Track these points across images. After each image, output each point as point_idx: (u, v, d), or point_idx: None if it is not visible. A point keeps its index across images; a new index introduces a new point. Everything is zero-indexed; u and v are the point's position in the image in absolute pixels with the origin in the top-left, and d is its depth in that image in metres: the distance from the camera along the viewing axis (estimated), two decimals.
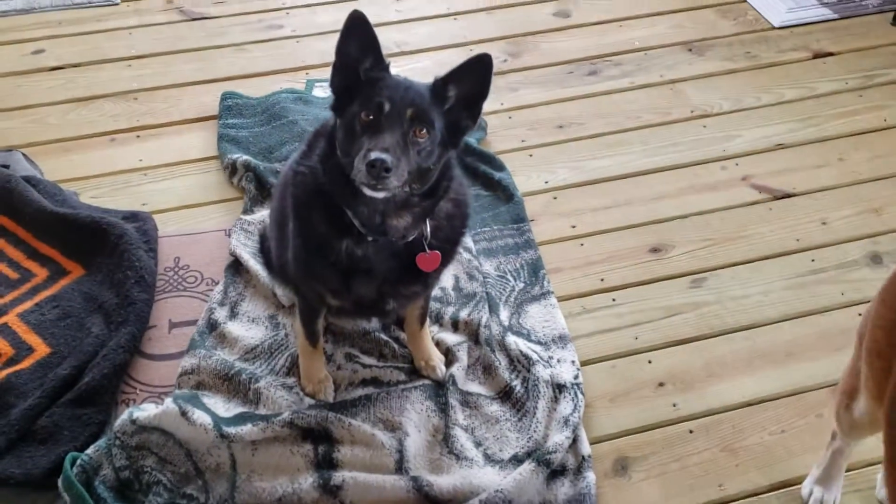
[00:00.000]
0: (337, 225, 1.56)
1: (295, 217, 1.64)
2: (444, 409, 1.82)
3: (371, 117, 1.43)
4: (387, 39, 2.91)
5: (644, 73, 2.75)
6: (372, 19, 2.86)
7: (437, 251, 1.61)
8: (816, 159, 2.45)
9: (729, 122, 2.57)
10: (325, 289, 1.69)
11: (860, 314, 2.01)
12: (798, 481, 1.72)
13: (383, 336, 1.94)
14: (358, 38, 1.50)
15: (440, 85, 1.52)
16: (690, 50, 2.83)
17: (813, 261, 2.17)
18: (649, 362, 1.95)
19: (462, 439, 1.77)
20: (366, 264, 1.59)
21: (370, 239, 1.55)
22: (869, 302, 2.02)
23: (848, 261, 2.16)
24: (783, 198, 2.32)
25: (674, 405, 1.86)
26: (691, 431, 1.82)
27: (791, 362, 1.94)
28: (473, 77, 1.54)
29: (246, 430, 1.69)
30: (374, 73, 1.51)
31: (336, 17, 2.99)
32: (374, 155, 1.37)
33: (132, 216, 2.22)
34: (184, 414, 1.69)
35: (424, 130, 1.45)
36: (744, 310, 2.05)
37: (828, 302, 2.07)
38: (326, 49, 2.86)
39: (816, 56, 2.81)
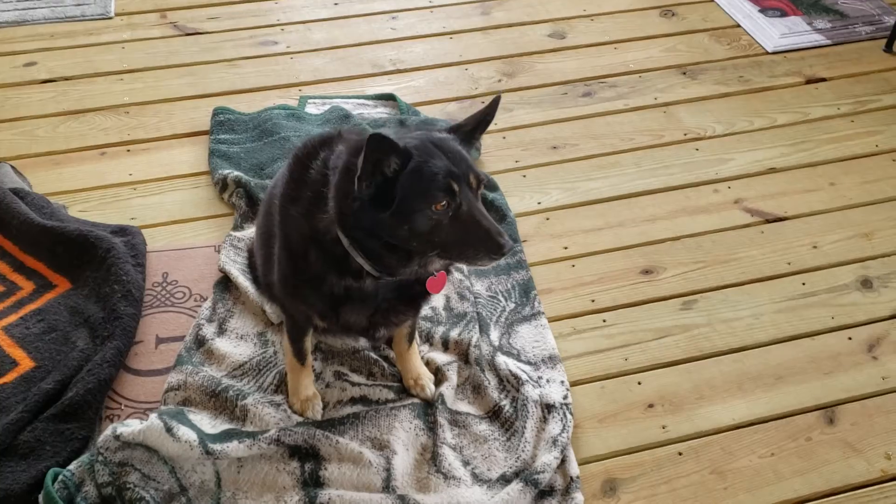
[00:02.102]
0: (338, 267, 1.54)
1: (285, 249, 1.61)
2: (432, 427, 1.80)
3: (445, 203, 1.41)
4: (381, 57, 2.92)
5: (638, 95, 2.77)
6: (366, 37, 3.01)
7: (443, 271, 1.61)
8: (808, 184, 2.45)
9: (721, 146, 2.57)
10: (314, 313, 1.68)
11: (850, 338, 2.04)
12: None
13: (373, 355, 1.93)
14: (381, 154, 1.40)
15: (469, 134, 1.54)
16: (684, 73, 2.85)
17: (804, 284, 2.17)
18: (639, 384, 1.94)
19: (450, 458, 1.75)
20: (361, 296, 1.58)
21: (376, 276, 1.53)
22: (859, 326, 2.05)
23: (838, 285, 2.16)
24: (774, 221, 2.33)
25: (663, 427, 1.85)
26: (680, 454, 1.80)
27: (781, 385, 1.93)
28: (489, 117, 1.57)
29: (232, 446, 1.67)
30: (412, 164, 1.42)
31: (331, 35, 3.01)
32: (505, 242, 1.41)
33: (121, 230, 2.20)
34: (169, 430, 1.67)
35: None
36: (734, 332, 2.05)
37: (818, 326, 2.06)
38: (320, 65, 2.87)
39: (809, 81, 2.83)
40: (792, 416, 1.88)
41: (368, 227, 1.45)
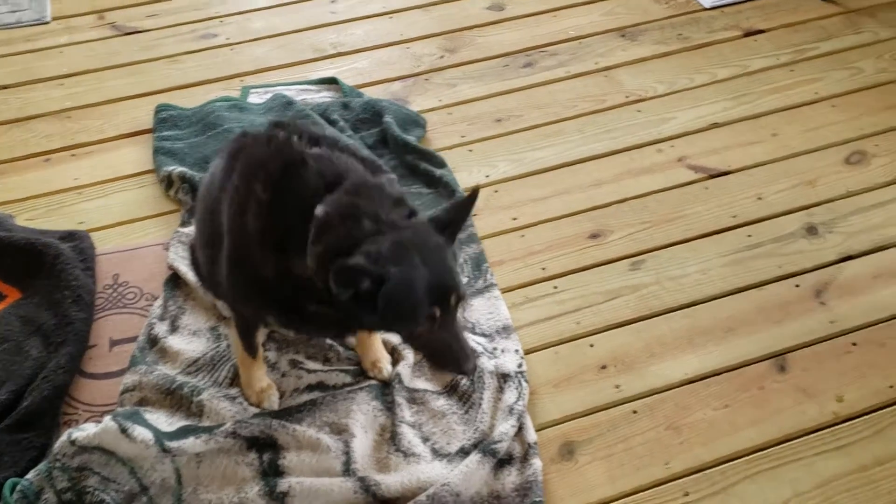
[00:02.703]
0: (308, 293, 1.48)
1: (241, 265, 1.55)
2: (390, 407, 1.81)
3: (425, 327, 1.41)
4: (322, 41, 2.91)
5: (579, 61, 2.77)
6: (307, 22, 2.99)
7: None
8: (750, 136, 2.48)
9: (663, 105, 2.59)
10: (273, 319, 1.67)
11: (797, 286, 2.07)
12: (743, 454, 1.75)
13: (328, 340, 1.94)
14: (352, 285, 1.36)
15: (448, 227, 1.48)
16: (624, 36, 2.86)
17: (749, 236, 2.20)
18: (591, 346, 1.96)
19: (409, 436, 1.77)
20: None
21: None
22: (806, 273, 2.08)
23: (784, 234, 2.19)
24: (718, 176, 2.35)
25: (617, 387, 1.88)
26: (635, 412, 1.83)
27: (731, 337, 1.96)
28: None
29: (188, 442, 1.68)
30: (390, 285, 1.36)
31: (271, 23, 2.99)
32: (469, 367, 1.46)
33: (68, 236, 2.19)
34: (124, 431, 1.68)
35: None
36: (682, 289, 2.07)
37: (765, 276, 2.10)
38: (262, 54, 2.85)
39: (747, 34, 2.85)
40: (744, 367, 1.91)
41: (348, 310, 1.40)
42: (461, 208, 1.49)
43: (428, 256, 1.39)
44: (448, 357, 1.45)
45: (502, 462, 1.72)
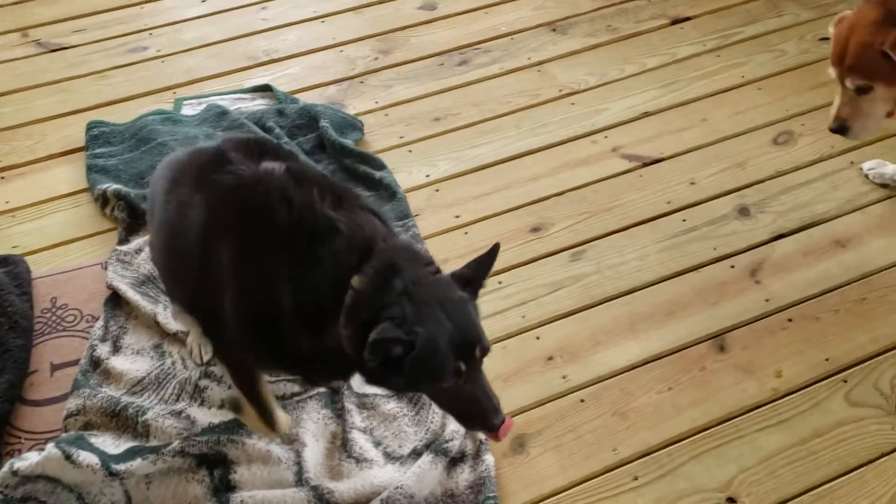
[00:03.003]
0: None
1: (247, 311, 1.50)
2: (340, 414, 1.82)
3: (451, 382, 1.39)
4: (255, 49, 2.89)
5: (512, 57, 2.80)
6: (238, 30, 2.97)
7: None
8: (681, 122, 2.53)
9: (595, 97, 2.63)
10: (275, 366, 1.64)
11: (733, 266, 2.13)
12: (688, 435, 1.79)
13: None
14: (386, 352, 1.35)
15: (470, 283, 1.46)
16: (554, 30, 2.89)
17: (684, 220, 2.24)
18: (537, 338, 1.99)
19: (361, 442, 1.77)
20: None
21: None
22: (740, 253, 2.14)
23: (717, 216, 2.25)
24: (652, 163, 2.40)
25: (564, 377, 1.90)
26: (582, 401, 1.86)
27: (671, 321, 2.01)
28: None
29: (136, 464, 1.66)
30: (418, 348, 1.35)
31: (202, 33, 2.96)
32: (497, 421, 1.41)
33: (2, 261, 2.15)
34: (68, 457, 1.65)
35: None
36: (622, 276, 2.11)
37: (701, 258, 2.14)
38: (193, 65, 2.82)
39: (674, 22, 2.90)
40: (685, 349, 1.96)
41: (375, 374, 1.40)
42: (482, 264, 1.49)
43: (452, 312, 1.39)
44: (474, 411, 1.42)
45: (455, 460, 1.74)
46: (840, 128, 1.97)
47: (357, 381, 1.87)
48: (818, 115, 2.51)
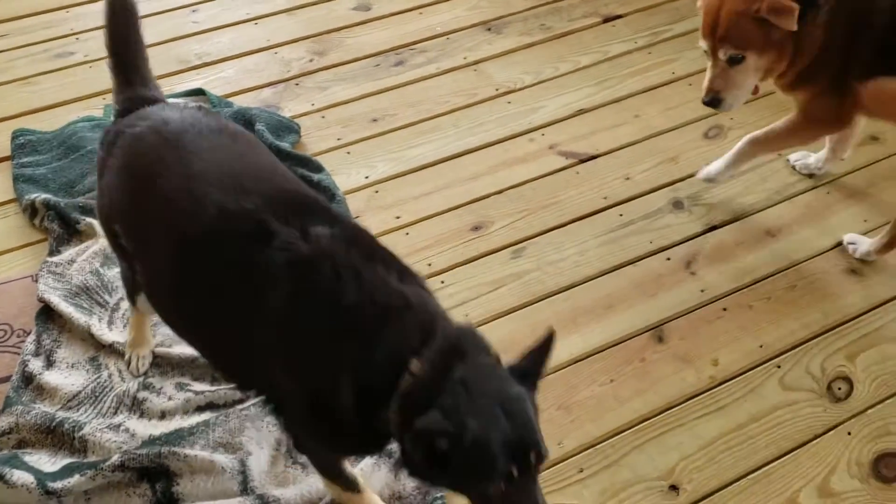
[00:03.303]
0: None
1: (322, 412, 1.34)
2: None
3: (500, 487, 1.22)
4: (187, 52, 2.83)
5: (448, 57, 2.80)
6: (169, 34, 2.91)
7: None
8: (615, 119, 2.57)
9: (532, 96, 2.65)
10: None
11: (669, 259, 2.17)
12: (630, 425, 1.83)
13: None
14: (434, 445, 1.21)
15: (528, 376, 1.32)
16: (489, 29, 2.91)
17: (621, 215, 2.28)
18: None
19: None
20: None
21: None
22: (675, 246, 2.18)
23: (653, 210, 2.30)
24: (588, 160, 2.43)
25: None
26: None
27: (611, 314, 2.04)
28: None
29: (73, 481, 1.61)
30: (467, 441, 1.20)
31: None
32: None
33: None
34: (1, 478, 1.59)
35: None
36: (562, 272, 2.14)
37: (639, 252, 2.19)
38: None
39: (606, 20, 2.95)
40: (625, 341, 1.99)
41: (417, 466, 1.27)
42: (539, 355, 1.35)
43: (509, 409, 1.24)
44: None
45: (400, 462, 1.74)
46: (713, 100, 1.97)
47: None
48: (746, 109, 2.55)
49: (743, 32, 1.84)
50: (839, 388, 1.87)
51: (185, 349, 1.89)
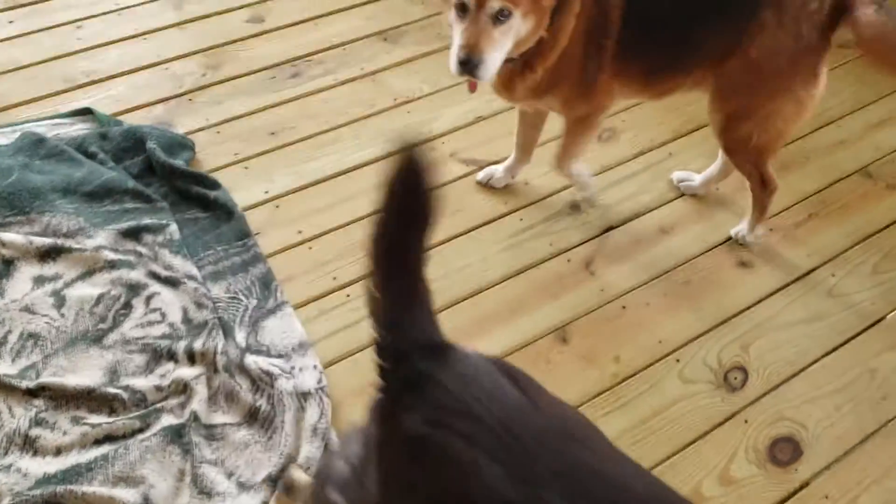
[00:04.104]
0: None
1: None
2: (188, 449, 1.74)
3: None
4: (73, 70, 2.72)
5: (346, 68, 2.79)
6: (52, 52, 2.80)
7: None
8: (513, 126, 2.57)
9: (431, 104, 2.66)
10: None
11: (569, 260, 2.22)
12: None
13: (110, 390, 1.83)
14: None
15: None
16: (386, 39, 2.91)
17: (521, 220, 2.32)
18: None
19: (212, 475, 1.71)
20: None
21: None
22: (575, 248, 2.23)
23: (552, 213, 2.33)
24: (488, 166, 2.45)
25: None
26: None
27: (516, 318, 2.07)
28: None
29: None
30: None
31: (11, 56, 2.77)
32: None
33: None
34: None
35: None
36: (468, 279, 2.15)
37: (540, 255, 2.22)
38: (5, 91, 2.64)
39: None
40: (531, 344, 2.02)
41: None
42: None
43: None
44: None
45: None
46: (472, 60, 1.76)
47: (204, 411, 1.81)
48: (637, 111, 2.65)
49: None
50: (735, 378, 1.95)
51: (80, 380, 1.82)
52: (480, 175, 2.41)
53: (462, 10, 1.77)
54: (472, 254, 2.22)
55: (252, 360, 1.91)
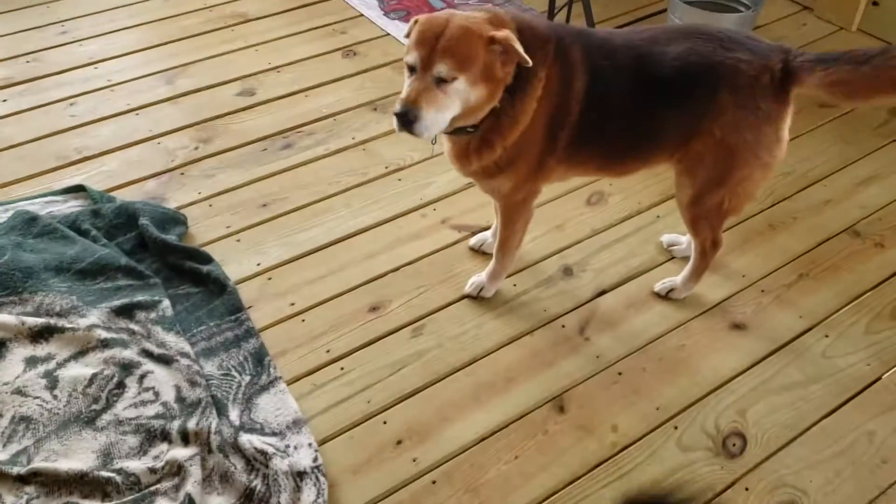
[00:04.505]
0: None
1: None
2: None
3: None
4: (65, 147, 2.75)
5: (336, 138, 2.82)
6: (46, 129, 2.84)
7: None
8: None
9: (422, 172, 2.69)
10: None
11: (563, 326, 2.22)
12: (537, 502, 1.83)
13: (103, 474, 1.80)
14: None
15: None
16: (375, 109, 2.95)
17: (515, 285, 2.32)
18: (385, 423, 1.97)
19: None
20: None
21: None
22: (569, 313, 2.22)
23: (544, 278, 2.35)
24: (479, 232, 2.47)
25: (414, 460, 1.90)
26: (434, 482, 1.86)
27: (512, 387, 2.06)
28: None
29: None
30: None
31: (4, 134, 2.80)
32: None
33: None
34: None
35: None
36: (463, 347, 2.15)
37: (534, 321, 2.22)
38: None
39: None
40: (528, 415, 2.00)
41: None
42: None
43: None
44: None
45: None
46: (409, 114, 1.76)
47: (199, 493, 1.78)
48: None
49: (467, 52, 1.74)
50: (734, 445, 1.94)
51: (73, 464, 1.80)
52: (472, 241, 2.43)
53: (411, 70, 1.80)
54: (466, 321, 2.22)
55: (246, 439, 1.89)
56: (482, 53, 1.75)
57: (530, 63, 1.76)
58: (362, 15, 3.48)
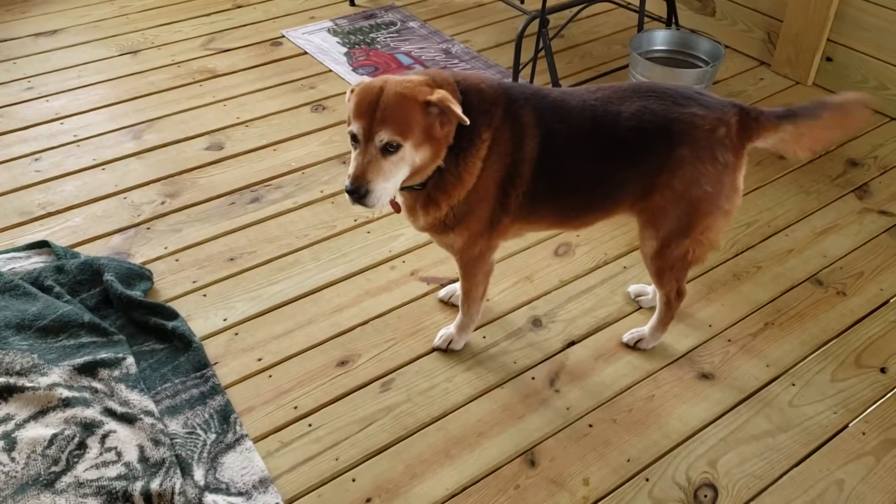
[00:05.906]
0: None
1: None
2: None
3: None
4: (29, 203, 2.72)
5: (304, 191, 2.83)
6: (8, 185, 2.82)
7: None
8: None
9: (390, 224, 2.70)
10: None
11: (533, 378, 2.21)
12: None
13: None
14: None
15: None
16: (344, 162, 2.96)
17: (484, 337, 2.32)
18: (353, 480, 1.94)
19: None
20: None
21: None
22: (538, 364, 2.22)
23: (514, 330, 2.35)
24: (449, 284, 2.48)
25: None
26: None
27: (483, 441, 2.04)
28: None
29: None
30: None
31: None
32: None
33: None
34: None
35: None
36: (433, 401, 2.13)
37: (504, 374, 2.21)
38: None
39: None
40: (498, 469, 1.98)
41: None
42: None
43: None
44: None
45: None
46: (360, 189, 1.74)
47: None
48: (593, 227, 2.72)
49: (406, 118, 1.75)
50: (705, 496, 1.93)
51: None
52: (442, 293, 2.43)
53: (355, 140, 1.80)
54: (435, 375, 2.20)
55: (211, 500, 1.84)
56: (420, 117, 1.76)
57: (467, 122, 1.78)
58: (331, 71, 3.52)
